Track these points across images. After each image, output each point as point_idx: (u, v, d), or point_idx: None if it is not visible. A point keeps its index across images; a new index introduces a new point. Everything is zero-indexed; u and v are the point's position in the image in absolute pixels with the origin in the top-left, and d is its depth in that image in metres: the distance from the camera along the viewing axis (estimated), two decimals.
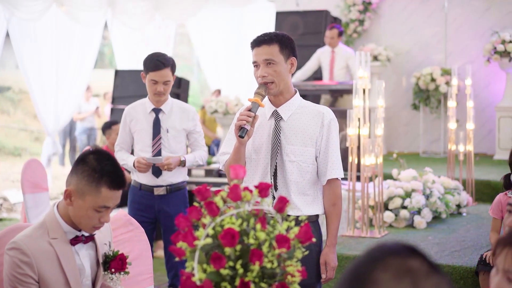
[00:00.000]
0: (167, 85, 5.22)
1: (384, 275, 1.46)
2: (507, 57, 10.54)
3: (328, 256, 3.70)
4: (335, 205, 3.72)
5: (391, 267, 1.47)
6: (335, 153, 3.68)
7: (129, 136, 5.38)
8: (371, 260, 1.50)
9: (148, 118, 5.32)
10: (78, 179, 2.94)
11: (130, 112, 5.37)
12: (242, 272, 2.22)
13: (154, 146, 5.28)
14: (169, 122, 5.32)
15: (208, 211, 2.31)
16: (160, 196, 5.32)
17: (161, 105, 5.32)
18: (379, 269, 1.48)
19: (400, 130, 12.35)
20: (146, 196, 5.33)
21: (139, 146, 5.33)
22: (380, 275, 1.46)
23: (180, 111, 5.37)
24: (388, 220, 6.76)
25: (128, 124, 5.36)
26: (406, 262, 1.48)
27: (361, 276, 1.48)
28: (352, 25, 12.57)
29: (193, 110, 5.47)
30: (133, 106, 5.41)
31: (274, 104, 3.70)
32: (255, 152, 3.68)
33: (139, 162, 5.18)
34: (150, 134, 5.30)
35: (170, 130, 5.31)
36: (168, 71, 5.19)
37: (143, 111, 5.34)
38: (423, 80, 11.45)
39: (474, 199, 8.11)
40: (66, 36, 10.35)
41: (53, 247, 2.95)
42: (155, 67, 5.15)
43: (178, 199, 5.39)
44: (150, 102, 5.33)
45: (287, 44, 3.64)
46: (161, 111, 5.31)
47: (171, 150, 5.31)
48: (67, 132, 14.20)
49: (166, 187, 5.32)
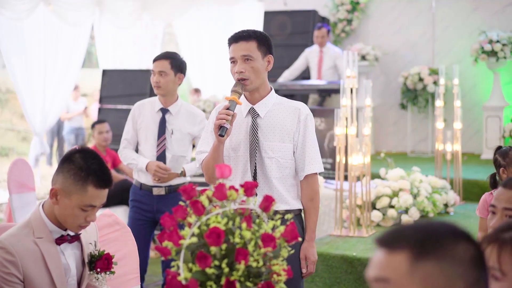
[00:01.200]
0: (162, 76, 5.22)
1: (464, 254, 1.52)
2: (494, 57, 10.58)
3: (308, 251, 3.72)
4: (313, 200, 3.74)
5: (471, 252, 1.53)
6: (312, 148, 3.71)
7: (136, 132, 5.41)
8: (458, 234, 1.55)
9: (154, 117, 5.34)
10: (64, 178, 2.92)
11: (138, 108, 5.42)
12: (228, 271, 2.21)
13: (159, 146, 5.30)
14: (175, 124, 5.33)
15: (193, 210, 2.31)
16: (159, 196, 5.33)
17: (169, 106, 5.34)
18: (462, 246, 1.53)
19: (388, 130, 12.37)
20: (146, 196, 5.36)
21: (144, 145, 5.36)
22: (462, 253, 1.52)
23: (187, 114, 5.37)
24: (375, 220, 6.76)
25: (136, 120, 5.39)
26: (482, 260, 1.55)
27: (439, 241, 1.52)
28: (340, 24, 12.57)
29: (201, 115, 5.44)
30: (143, 103, 5.45)
31: (250, 101, 3.72)
32: (233, 150, 3.70)
33: (159, 167, 5.19)
34: (155, 133, 5.32)
35: (174, 132, 5.32)
36: (165, 62, 5.23)
37: (151, 109, 5.37)
38: (411, 79, 11.47)
39: (461, 198, 8.13)
40: (54, 35, 10.32)
41: (39, 247, 2.93)
42: (155, 58, 5.29)
43: (176, 200, 5.30)
44: (158, 101, 5.36)
45: (265, 41, 3.67)
46: (168, 112, 5.33)
47: (174, 152, 5.31)
48: (54, 132, 14.15)
49: (165, 188, 5.33)
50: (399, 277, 1.51)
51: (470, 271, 1.50)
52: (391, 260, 1.53)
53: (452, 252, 1.50)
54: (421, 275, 1.49)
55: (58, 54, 10.43)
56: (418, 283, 1.49)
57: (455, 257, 1.50)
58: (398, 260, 1.52)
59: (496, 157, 4.55)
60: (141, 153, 5.37)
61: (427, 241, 1.52)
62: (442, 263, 1.49)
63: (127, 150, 5.40)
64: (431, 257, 1.50)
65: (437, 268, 1.49)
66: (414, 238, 1.53)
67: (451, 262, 1.49)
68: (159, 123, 5.32)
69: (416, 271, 1.50)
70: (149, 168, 5.23)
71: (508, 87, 11.08)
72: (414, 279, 1.50)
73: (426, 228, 1.55)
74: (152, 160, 5.27)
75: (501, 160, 4.49)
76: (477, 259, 1.53)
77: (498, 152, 4.56)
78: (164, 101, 5.34)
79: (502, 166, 4.47)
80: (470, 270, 1.50)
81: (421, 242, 1.52)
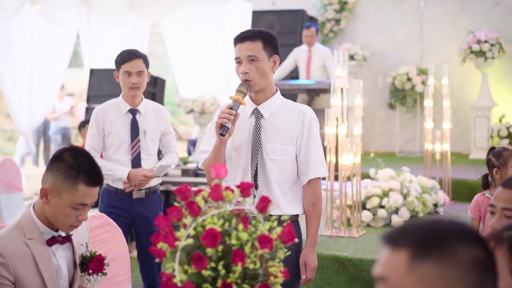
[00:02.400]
0: (141, 77, 5.04)
1: (466, 255, 1.49)
2: (482, 57, 10.60)
3: (308, 257, 3.66)
4: (315, 205, 3.68)
5: (474, 254, 1.50)
6: (317, 152, 3.65)
7: (102, 139, 5.13)
8: (462, 235, 1.52)
9: (124, 119, 5.11)
10: (54, 176, 2.88)
11: (102, 113, 5.12)
12: (224, 273, 2.18)
13: (133, 149, 5.10)
14: (145, 123, 5.15)
15: (189, 211, 2.27)
16: (138, 199, 5.15)
17: (137, 106, 5.14)
18: (465, 247, 1.50)
19: (376, 130, 12.38)
20: (123, 200, 5.14)
21: (115, 150, 5.11)
22: (463, 254, 1.49)
23: (154, 112, 5.22)
24: (366, 220, 6.75)
25: (102, 125, 5.10)
26: (487, 260, 1.52)
27: (441, 241, 1.49)
28: (329, 24, 12.57)
29: (166, 111, 5.33)
30: (105, 106, 5.16)
31: (255, 101, 3.66)
32: (235, 150, 3.64)
33: (146, 176, 5.05)
34: (128, 136, 5.10)
35: (147, 132, 5.14)
36: (140, 61, 5.04)
37: (117, 112, 5.12)
38: (399, 79, 11.49)
39: (450, 198, 8.13)
40: (40, 34, 10.25)
41: (29, 248, 2.89)
42: (127, 58, 5.03)
43: (155, 201, 5.26)
44: (125, 103, 5.13)
45: (271, 41, 3.61)
46: (138, 112, 5.14)
47: (149, 152, 5.16)
48: (41, 131, 14.06)
49: (145, 191, 5.16)
50: (397, 276, 1.49)
51: (472, 274, 1.47)
52: (392, 258, 1.51)
53: (453, 253, 1.48)
54: (419, 275, 1.47)
55: (45, 53, 10.36)
56: (415, 283, 1.47)
57: (456, 258, 1.47)
58: (398, 259, 1.50)
59: (489, 157, 4.56)
60: (111, 159, 5.12)
61: (428, 241, 1.49)
62: (441, 264, 1.47)
63: (97, 160, 5.14)
64: (430, 257, 1.47)
65: (436, 268, 1.47)
66: (416, 236, 1.51)
67: (450, 263, 1.47)
68: (131, 125, 5.11)
69: (415, 271, 1.48)
70: (132, 178, 5.03)
71: (496, 87, 11.11)
72: (412, 278, 1.48)
73: (430, 227, 1.53)
74: (134, 169, 5.07)
75: (495, 161, 4.50)
76: (481, 261, 1.50)
77: (491, 152, 4.57)
78: (133, 101, 5.12)
79: (495, 166, 4.48)
80: (472, 273, 1.47)
81: (422, 241, 1.50)
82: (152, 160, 5.21)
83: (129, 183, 5.06)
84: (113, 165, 5.08)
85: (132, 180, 5.04)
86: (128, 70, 5.02)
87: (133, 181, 5.04)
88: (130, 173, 5.04)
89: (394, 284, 1.50)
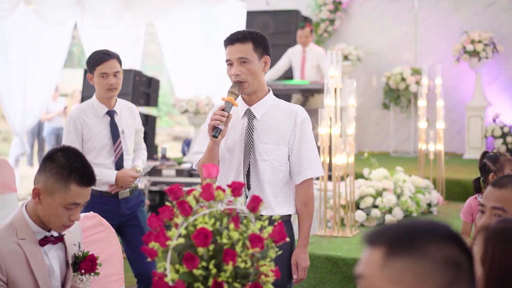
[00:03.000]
0: (117, 77, 4.96)
1: (437, 253, 1.50)
2: (476, 56, 10.64)
3: (299, 257, 3.67)
4: (307, 205, 3.69)
5: (447, 252, 1.51)
6: (311, 152, 3.65)
7: (81, 143, 5.01)
8: (437, 234, 1.54)
9: (103, 122, 5.02)
10: (46, 177, 2.89)
11: (80, 117, 4.99)
12: (215, 272, 2.19)
13: (116, 151, 5.04)
14: (122, 123, 5.09)
15: (180, 211, 2.28)
16: (124, 199, 5.10)
17: (114, 107, 5.06)
18: (437, 245, 1.51)
19: (371, 130, 12.40)
20: (109, 202, 5.06)
21: (97, 153, 5.01)
22: (433, 251, 1.50)
23: (127, 110, 5.17)
24: (359, 219, 6.76)
25: (81, 130, 4.98)
26: (461, 258, 1.52)
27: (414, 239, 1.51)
28: (323, 24, 12.59)
29: (135, 108, 5.29)
30: (81, 110, 5.04)
31: (247, 102, 3.67)
32: (228, 151, 3.64)
33: (134, 177, 5.02)
34: (109, 139, 5.02)
35: (125, 131, 5.09)
36: (115, 61, 4.96)
37: (94, 115, 5.01)
38: (393, 79, 11.51)
39: (444, 198, 8.15)
40: (34, 35, 10.23)
41: (22, 248, 2.90)
42: (100, 60, 4.92)
43: (137, 198, 5.22)
44: (101, 104, 5.03)
45: (261, 42, 3.61)
46: (115, 113, 5.06)
47: (128, 152, 5.12)
48: (35, 132, 14.06)
49: (130, 190, 5.12)
50: (372, 273, 1.52)
51: (443, 271, 1.49)
52: (369, 256, 1.54)
53: (425, 250, 1.49)
54: (390, 272, 1.50)
55: (39, 54, 10.34)
56: (385, 280, 1.50)
57: (427, 256, 1.49)
58: (374, 256, 1.53)
59: (484, 162, 4.52)
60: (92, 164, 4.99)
61: (403, 239, 1.52)
62: (413, 261, 1.49)
63: None
64: (403, 254, 1.50)
65: (407, 265, 1.49)
66: (391, 235, 1.53)
67: (422, 260, 1.48)
68: (111, 127, 5.03)
69: (387, 268, 1.50)
70: (121, 180, 4.98)
71: (490, 87, 11.15)
72: (383, 275, 1.50)
73: (406, 226, 1.55)
74: (120, 171, 5.02)
75: (491, 165, 4.46)
76: (454, 260, 1.51)
77: (486, 157, 4.54)
78: (109, 103, 5.03)
79: (492, 171, 4.45)
80: (443, 270, 1.49)
81: (397, 239, 1.52)
82: (131, 159, 5.20)
83: (115, 185, 5.02)
84: (98, 169, 4.92)
85: (121, 182, 5.00)
86: (104, 71, 4.92)
87: (121, 183, 5.00)
88: (117, 175, 4.99)
89: (368, 280, 1.52)
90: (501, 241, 1.94)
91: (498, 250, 1.93)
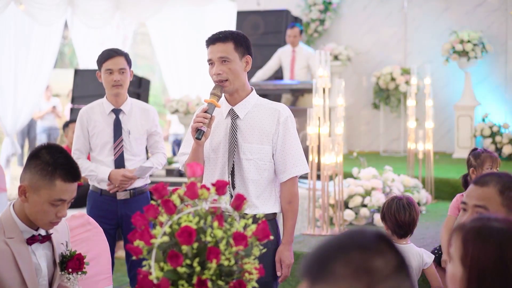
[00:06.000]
0: (123, 74, 4.98)
1: (343, 270, 1.48)
2: (465, 56, 10.68)
3: (283, 254, 3.69)
4: (291, 203, 3.71)
5: (353, 263, 1.49)
6: (295, 150, 3.67)
7: (88, 140, 5.09)
8: (337, 250, 1.53)
9: (107, 120, 5.06)
10: (31, 174, 2.90)
11: (87, 113, 5.07)
12: (200, 270, 2.22)
13: (116, 149, 5.05)
14: (130, 123, 5.08)
15: (165, 209, 2.31)
16: (123, 200, 5.08)
17: (121, 105, 5.07)
18: (341, 262, 1.50)
19: (361, 129, 12.43)
20: (107, 202, 5.08)
21: (100, 151, 5.07)
22: (340, 269, 1.49)
23: (140, 111, 5.15)
24: (348, 218, 6.79)
25: (86, 126, 5.06)
26: (369, 260, 1.50)
27: (322, 264, 1.51)
28: (313, 24, 12.60)
29: (153, 110, 5.25)
30: (90, 107, 5.11)
31: (230, 102, 3.69)
32: (213, 151, 3.67)
33: (126, 177, 4.98)
34: (111, 136, 5.04)
35: (131, 132, 5.07)
36: (122, 59, 4.98)
37: (101, 112, 5.06)
38: (383, 79, 11.55)
39: (433, 197, 8.19)
40: (25, 35, 10.23)
41: (9, 247, 2.91)
42: (107, 56, 4.97)
43: (141, 203, 5.11)
44: (109, 102, 5.07)
45: (242, 42, 3.63)
46: (121, 112, 5.07)
47: (133, 152, 5.09)
48: (25, 132, 14.03)
49: (129, 191, 5.09)
50: None
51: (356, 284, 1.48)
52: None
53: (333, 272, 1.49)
54: None
55: (30, 54, 10.34)
56: None
57: (336, 277, 1.48)
58: None
59: (469, 157, 4.68)
60: (95, 160, 5.08)
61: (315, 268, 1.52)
62: (328, 286, 1.49)
63: (81, 161, 5.04)
64: (320, 283, 1.50)
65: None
66: (308, 266, 1.54)
67: (334, 282, 1.48)
68: (114, 125, 5.05)
69: None
70: (113, 178, 4.98)
71: (479, 87, 11.19)
72: None
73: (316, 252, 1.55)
74: (115, 169, 5.02)
75: (473, 161, 4.62)
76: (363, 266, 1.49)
77: (472, 153, 4.70)
78: (116, 101, 5.06)
79: (472, 166, 4.59)
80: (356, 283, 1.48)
81: (311, 270, 1.52)
82: (138, 161, 5.14)
83: (112, 184, 5.02)
84: (95, 165, 5.04)
85: (113, 180, 4.99)
86: (109, 68, 4.96)
87: (113, 181, 4.99)
88: (110, 173, 4.99)
89: None
90: (480, 240, 1.96)
91: (477, 250, 1.95)
